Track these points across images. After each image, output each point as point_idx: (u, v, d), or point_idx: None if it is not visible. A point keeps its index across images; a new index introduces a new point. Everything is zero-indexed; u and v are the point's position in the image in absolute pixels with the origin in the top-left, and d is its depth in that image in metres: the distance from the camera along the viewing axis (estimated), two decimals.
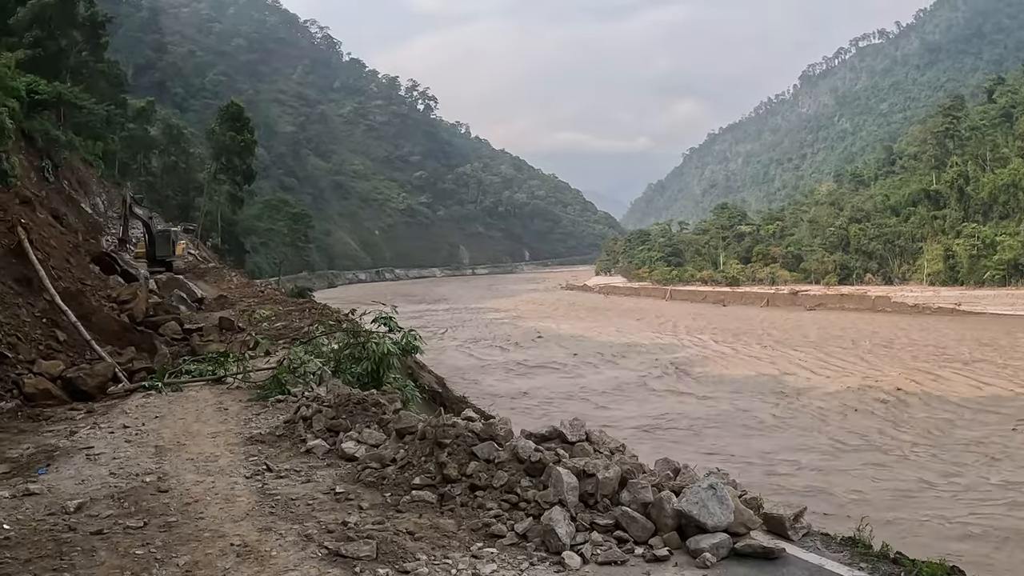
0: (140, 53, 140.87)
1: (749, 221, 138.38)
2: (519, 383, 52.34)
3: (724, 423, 36.74)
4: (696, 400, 44.74)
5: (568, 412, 42.57)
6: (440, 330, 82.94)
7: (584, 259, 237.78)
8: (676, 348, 65.74)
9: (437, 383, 26.29)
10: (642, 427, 37.69)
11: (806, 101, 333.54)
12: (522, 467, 6.16)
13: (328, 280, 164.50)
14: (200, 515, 6.67)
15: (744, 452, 30.68)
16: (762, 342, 66.17)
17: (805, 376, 49.24)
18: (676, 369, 55.49)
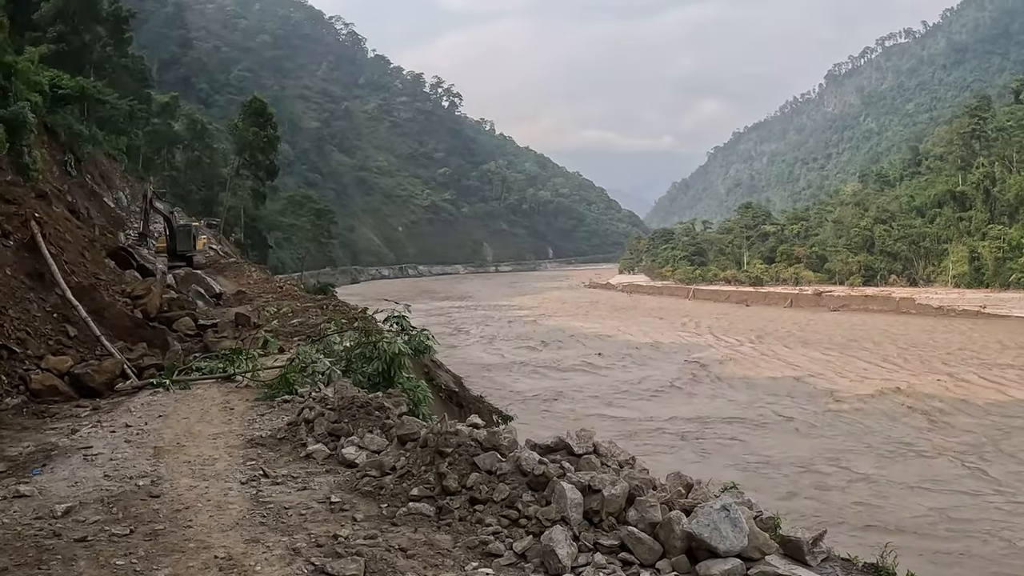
0: (165, 49, 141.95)
1: (773, 221, 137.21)
2: (541, 382, 52.05)
3: (762, 427, 36.28)
4: (724, 402, 44.25)
5: (590, 413, 42.32)
6: (462, 328, 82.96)
7: (607, 257, 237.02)
8: (700, 348, 65.17)
9: (454, 382, 25.98)
10: (667, 429, 37.28)
11: (832, 100, 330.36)
12: (525, 480, 5.80)
13: (351, 276, 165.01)
14: (189, 523, 6.41)
15: (782, 458, 30.15)
16: (786, 343, 65.44)
17: (831, 378, 48.59)
18: (701, 370, 54.96)
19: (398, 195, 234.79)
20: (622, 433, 34.53)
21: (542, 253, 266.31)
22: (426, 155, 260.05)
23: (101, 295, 17.32)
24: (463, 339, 74.44)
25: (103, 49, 53.90)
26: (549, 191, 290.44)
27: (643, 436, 34.28)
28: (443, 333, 77.44)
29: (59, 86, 40.10)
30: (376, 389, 13.46)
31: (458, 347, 68.43)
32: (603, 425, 37.11)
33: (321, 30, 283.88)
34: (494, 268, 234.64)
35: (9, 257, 16.32)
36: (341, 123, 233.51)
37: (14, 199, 18.67)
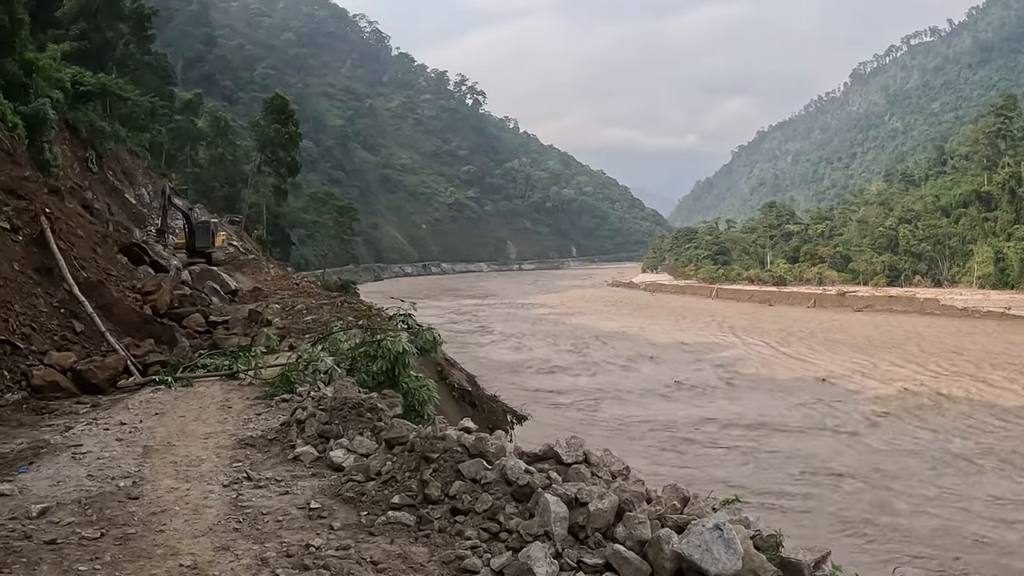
0: (190, 46, 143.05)
1: (797, 220, 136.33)
2: (562, 381, 51.77)
3: (805, 432, 35.56)
4: (756, 405, 43.70)
5: (609, 413, 41.90)
6: (485, 326, 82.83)
7: (631, 256, 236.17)
8: (722, 348, 64.62)
9: (468, 381, 25.65)
10: (689, 430, 36.80)
11: (856, 99, 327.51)
12: (510, 490, 5.46)
13: (374, 273, 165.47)
14: (162, 527, 6.18)
15: (840, 469, 29.31)
16: (810, 344, 64.68)
17: (862, 381, 47.92)
18: (724, 370, 54.42)
19: (422, 193, 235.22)
20: (660, 442, 33.86)
21: (565, 251, 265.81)
22: (450, 153, 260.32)
23: (109, 291, 17.18)
24: (485, 337, 74.32)
25: (126, 47, 54.15)
26: (573, 189, 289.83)
27: (685, 446, 33.25)
28: (466, 331, 77.77)
29: (81, 83, 40.29)
30: (381, 388, 13.19)
31: (480, 345, 68.36)
32: (636, 429, 36.51)
33: (345, 28, 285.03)
34: (517, 266, 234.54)
35: (17, 252, 16.24)
36: (365, 121, 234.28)
37: (26, 194, 18.61)
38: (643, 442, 34.13)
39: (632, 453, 31.34)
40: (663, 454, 32.11)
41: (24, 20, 32.77)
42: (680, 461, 30.90)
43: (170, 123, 68.13)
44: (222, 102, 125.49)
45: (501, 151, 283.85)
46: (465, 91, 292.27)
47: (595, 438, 33.28)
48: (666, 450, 32.76)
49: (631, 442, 33.80)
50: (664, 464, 30.08)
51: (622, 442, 33.48)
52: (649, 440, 34.53)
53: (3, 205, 17.51)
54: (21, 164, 27.03)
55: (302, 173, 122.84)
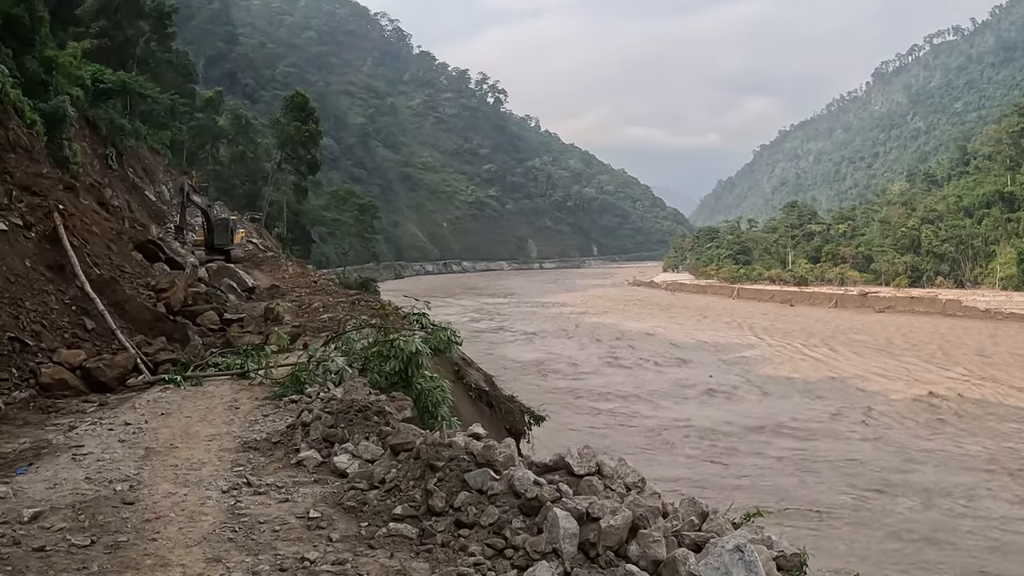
0: (211, 45, 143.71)
1: (819, 220, 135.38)
2: (588, 381, 51.41)
3: (845, 440, 34.70)
4: (782, 406, 43.18)
5: (642, 416, 41.41)
6: (505, 325, 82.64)
7: (652, 255, 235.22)
8: (747, 348, 64.10)
9: (485, 381, 25.29)
10: (731, 438, 36.23)
11: (879, 99, 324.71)
12: (517, 503, 5.13)
13: (395, 271, 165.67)
14: (155, 535, 5.93)
15: (896, 481, 28.51)
16: (832, 345, 63.95)
17: (893, 384, 47.41)
18: (754, 372, 53.89)
19: (443, 191, 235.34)
20: (702, 451, 32.97)
21: (586, 250, 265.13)
22: (471, 151, 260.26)
23: (122, 288, 17.03)
24: (506, 336, 74.11)
25: (146, 44, 54.33)
26: (594, 188, 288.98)
27: (729, 456, 32.32)
28: (487, 330, 77.63)
29: (101, 80, 40.36)
30: (394, 389, 12.91)
31: (501, 344, 68.14)
32: (673, 434, 35.70)
33: (366, 26, 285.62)
34: (538, 265, 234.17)
35: (30, 248, 16.11)
36: (386, 119, 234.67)
37: (40, 190, 18.51)
38: (682, 450, 33.21)
39: (673, 463, 30.63)
40: (705, 465, 31.08)
41: (44, 18, 32.80)
42: (725, 472, 29.98)
43: (191, 121, 68.36)
44: (243, 100, 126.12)
45: (522, 149, 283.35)
46: (486, 89, 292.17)
47: (629, 445, 32.78)
48: (710, 460, 31.75)
49: (670, 449, 33.00)
50: (708, 475, 29.25)
51: (660, 450, 32.85)
52: (689, 448, 33.53)
53: (16, 201, 17.41)
54: (39, 161, 26.99)
55: (323, 171, 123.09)
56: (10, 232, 15.90)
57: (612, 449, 31.99)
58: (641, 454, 31.85)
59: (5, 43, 30.24)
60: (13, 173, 19.01)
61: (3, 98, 25.93)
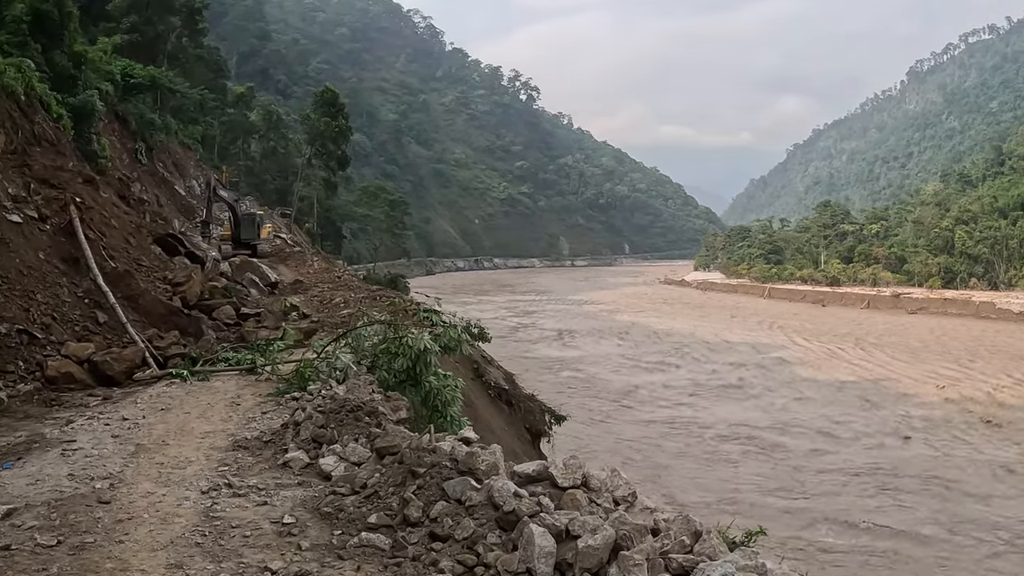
0: (244, 41, 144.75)
1: (852, 220, 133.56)
2: (609, 378, 50.90)
3: (901, 453, 33.49)
4: (802, 404, 42.41)
5: (652, 413, 40.86)
6: (537, 323, 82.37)
7: (683, 254, 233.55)
8: (775, 348, 63.22)
9: (505, 379, 25.00)
10: (799, 455, 35.41)
11: (913, 98, 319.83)
12: (495, 516, 4.76)
13: (426, 268, 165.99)
14: (123, 537, 5.72)
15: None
16: (870, 348, 62.84)
17: (913, 384, 46.21)
18: (776, 370, 53.05)
19: (475, 188, 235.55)
20: (769, 467, 31.03)
21: (618, 248, 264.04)
22: (503, 148, 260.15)
23: (136, 281, 16.93)
24: (536, 333, 73.82)
25: (178, 40, 54.62)
26: (626, 186, 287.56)
27: (802, 475, 31.14)
28: (517, 327, 77.39)
29: (131, 75, 40.58)
30: (403, 387, 12.63)
31: (526, 341, 67.80)
32: (731, 445, 34.26)
33: (399, 23, 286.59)
34: (570, 262, 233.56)
35: (44, 241, 16.07)
36: (419, 115, 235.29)
37: (59, 183, 18.50)
38: (744, 468, 31.03)
39: (737, 479, 29.20)
40: (770, 480, 29.20)
41: (73, 13, 33.00)
42: (796, 491, 28.03)
43: (222, 116, 68.74)
44: (276, 96, 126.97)
45: (555, 147, 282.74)
46: (519, 87, 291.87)
47: (686, 456, 32.00)
48: (774, 475, 29.85)
49: (732, 468, 31.29)
50: (776, 494, 27.57)
51: (720, 463, 31.48)
52: (752, 466, 31.35)
53: (34, 194, 17.41)
54: (65, 154, 27.12)
55: (356, 167, 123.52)
56: (25, 224, 15.87)
57: (655, 460, 31.26)
58: (698, 467, 31.18)
59: (34, 38, 30.50)
60: (32, 166, 19.04)
61: (29, 92, 26.11)
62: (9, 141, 22.66)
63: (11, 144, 22.58)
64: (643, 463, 31.43)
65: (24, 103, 25.21)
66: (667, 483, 28.98)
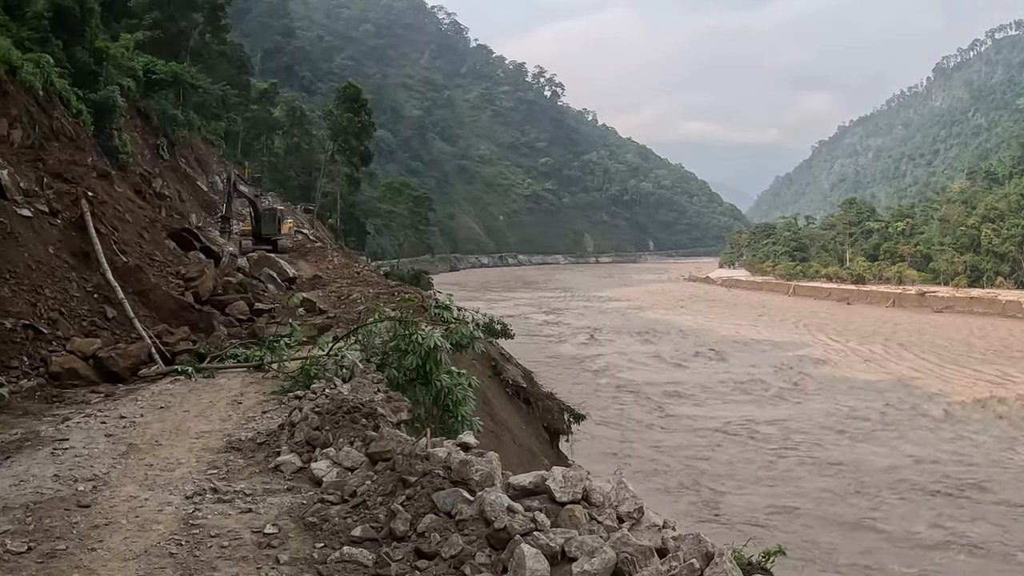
0: (269, 37, 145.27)
1: (878, 217, 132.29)
2: (635, 376, 50.35)
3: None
4: (829, 404, 41.60)
5: (677, 413, 40.24)
6: (562, 320, 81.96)
7: (708, 251, 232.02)
8: (800, 346, 62.49)
9: (523, 377, 24.59)
10: (790, 440, 34.76)
11: (939, 95, 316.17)
12: (486, 532, 4.34)
13: (450, 264, 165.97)
14: (96, 544, 5.41)
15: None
16: (887, 345, 61.84)
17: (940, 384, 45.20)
18: (801, 369, 52.27)
19: (499, 184, 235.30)
20: (833, 491, 28.54)
21: (643, 245, 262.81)
22: (528, 144, 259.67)
23: (147, 276, 16.69)
24: (560, 330, 73.41)
25: (201, 36, 54.69)
26: (651, 183, 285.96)
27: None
28: (541, 323, 77.00)
29: (153, 71, 40.63)
30: (412, 385, 12.28)
31: (555, 339, 67.45)
32: (793, 458, 32.48)
33: (423, 19, 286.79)
34: (594, 259, 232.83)
35: (55, 235, 15.87)
36: (443, 111, 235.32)
37: (72, 178, 18.34)
38: (809, 481, 29.20)
39: (790, 493, 27.96)
40: (837, 504, 27.04)
41: (94, 9, 33.01)
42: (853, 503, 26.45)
43: (246, 112, 68.86)
44: (301, 92, 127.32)
45: (579, 143, 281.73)
46: (543, 83, 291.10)
47: (749, 469, 31.12)
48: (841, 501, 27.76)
49: (768, 471, 30.22)
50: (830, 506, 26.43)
51: (784, 481, 29.59)
52: (819, 480, 29.41)
53: (46, 188, 17.25)
54: (84, 149, 27.12)
55: (380, 163, 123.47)
56: (35, 219, 15.67)
57: (691, 465, 30.44)
58: (736, 471, 30.43)
59: (56, 34, 30.52)
60: (46, 160, 18.92)
61: (48, 88, 26.09)
62: (26, 136, 22.62)
63: (28, 139, 22.54)
64: (681, 471, 30.82)
65: (43, 98, 25.21)
66: (704, 493, 28.31)
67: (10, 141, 19.86)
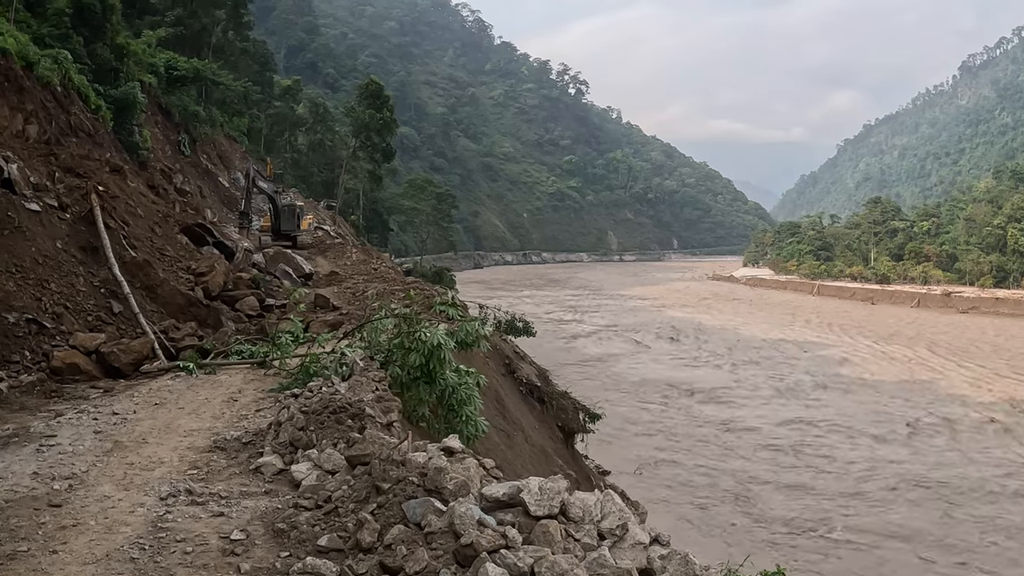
0: (292, 35, 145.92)
1: (903, 217, 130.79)
2: (656, 373, 49.95)
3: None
4: (856, 405, 40.96)
5: (700, 413, 39.69)
6: (585, 319, 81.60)
7: (732, 249, 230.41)
8: (825, 347, 61.69)
9: (538, 376, 24.27)
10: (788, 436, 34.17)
11: (966, 93, 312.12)
12: (454, 547, 4.03)
13: (474, 261, 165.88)
14: (59, 547, 5.22)
15: None
16: (913, 346, 60.82)
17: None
18: (827, 369, 51.58)
19: (523, 181, 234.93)
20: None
21: (667, 243, 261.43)
22: (552, 142, 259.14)
23: (156, 271, 16.56)
24: (583, 328, 73.09)
25: (223, 33, 54.81)
26: (675, 181, 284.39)
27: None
28: (564, 321, 76.63)
29: (174, 68, 40.70)
30: (416, 384, 11.99)
31: (569, 336, 67.07)
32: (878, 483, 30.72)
33: (447, 17, 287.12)
34: (618, 257, 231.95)
35: (63, 230, 15.78)
36: (467, 109, 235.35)
37: (84, 172, 18.28)
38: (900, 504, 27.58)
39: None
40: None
41: (116, 6, 33.12)
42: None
43: (269, 109, 69.02)
44: (325, 90, 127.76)
45: (604, 141, 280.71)
46: (568, 80, 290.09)
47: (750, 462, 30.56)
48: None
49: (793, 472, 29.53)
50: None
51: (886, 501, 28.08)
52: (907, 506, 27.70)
53: (57, 183, 17.18)
54: (102, 145, 27.19)
55: (404, 160, 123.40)
56: (43, 213, 15.59)
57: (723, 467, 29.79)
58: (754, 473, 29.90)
59: (76, 31, 30.63)
60: (58, 154, 18.86)
61: (66, 83, 26.14)
62: (42, 131, 22.66)
63: (44, 134, 22.58)
64: (703, 470, 30.37)
65: (60, 94, 25.26)
66: (724, 495, 27.85)
67: (25, 136, 19.90)
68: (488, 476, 5.35)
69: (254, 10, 62.96)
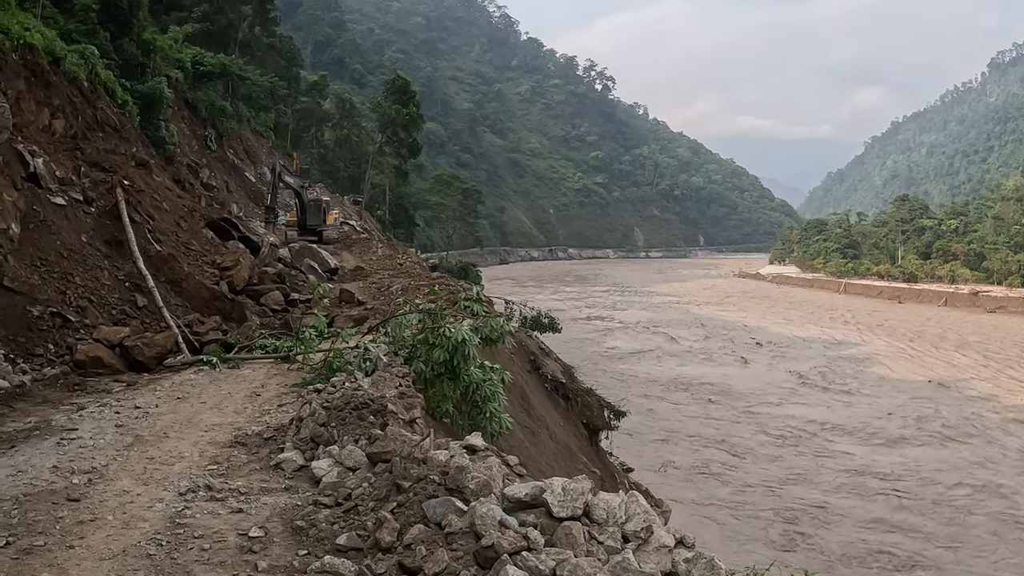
0: (319, 30, 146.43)
1: (930, 215, 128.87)
2: (680, 370, 49.65)
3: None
4: (875, 405, 40.39)
5: (721, 410, 39.35)
6: (614, 315, 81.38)
7: (759, 247, 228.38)
8: (853, 345, 61.07)
9: (563, 373, 24.09)
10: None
11: (995, 90, 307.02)
12: (475, 548, 3.89)
13: (500, 257, 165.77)
14: (76, 541, 5.15)
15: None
16: (939, 346, 59.98)
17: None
18: (854, 368, 50.95)
19: (550, 177, 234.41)
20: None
21: (693, 240, 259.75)
22: (578, 138, 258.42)
23: (180, 265, 16.60)
24: (608, 325, 72.88)
25: (249, 29, 55.07)
26: (701, 178, 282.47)
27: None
28: (591, 318, 76.40)
29: (201, 63, 40.92)
30: (440, 380, 11.88)
31: (598, 331, 66.92)
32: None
33: (474, 12, 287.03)
34: (644, 254, 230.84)
35: (88, 224, 15.87)
36: (493, 105, 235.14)
37: (110, 167, 18.38)
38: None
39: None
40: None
41: (143, 1, 33.32)
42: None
43: (296, 104, 69.31)
44: (351, 85, 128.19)
45: (630, 137, 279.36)
46: (594, 77, 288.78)
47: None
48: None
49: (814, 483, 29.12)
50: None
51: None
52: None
53: (83, 177, 17.28)
54: (129, 139, 27.35)
55: (431, 156, 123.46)
56: (69, 207, 15.68)
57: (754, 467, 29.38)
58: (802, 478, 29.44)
59: (103, 26, 30.84)
60: (84, 149, 18.98)
61: (92, 78, 26.31)
62: (68, 126, 22.78)
63: (70, 129, 22.70)
64: (732, 470, 30.03)
65: (87, 89, 25.41)
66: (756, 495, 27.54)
67: (51, 131, 19.99)
68: (511, 474, 5.21)
69: (281, 6, 63.28)
